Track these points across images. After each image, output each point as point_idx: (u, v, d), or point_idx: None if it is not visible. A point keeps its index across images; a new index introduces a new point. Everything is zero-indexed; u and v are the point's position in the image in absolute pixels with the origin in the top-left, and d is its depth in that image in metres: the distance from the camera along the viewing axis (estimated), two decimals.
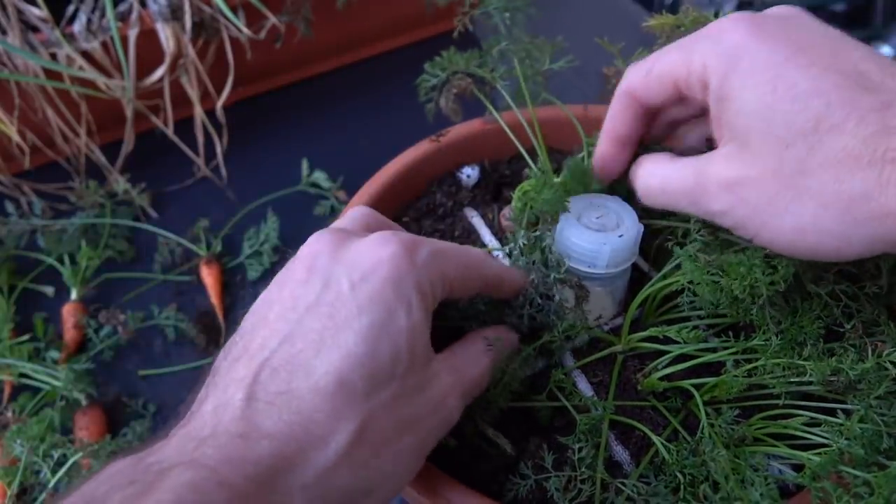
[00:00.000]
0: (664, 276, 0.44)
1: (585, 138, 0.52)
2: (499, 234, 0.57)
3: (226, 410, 0.32)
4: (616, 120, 0.45)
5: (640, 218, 0.47)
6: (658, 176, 0.42)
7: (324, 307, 0.34)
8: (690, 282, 0.40)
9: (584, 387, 0.46)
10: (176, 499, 0.28)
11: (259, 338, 0.35)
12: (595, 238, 0.45)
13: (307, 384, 0.32)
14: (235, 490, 0.29)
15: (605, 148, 0.47)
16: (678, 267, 0.43)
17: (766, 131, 0.34)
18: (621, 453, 0.44)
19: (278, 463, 0.31)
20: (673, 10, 0.52)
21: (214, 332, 0.74)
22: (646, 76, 0.42)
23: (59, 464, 0.59)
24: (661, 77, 0.41)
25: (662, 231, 0.49)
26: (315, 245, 0.37)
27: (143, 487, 0.28)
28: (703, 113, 0.44)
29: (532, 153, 0.55)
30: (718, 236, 0.42)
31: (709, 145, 0.44)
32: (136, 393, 0.69)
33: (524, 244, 0.46)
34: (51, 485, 0.58)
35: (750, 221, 0.36)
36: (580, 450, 0.40)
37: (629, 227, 0.45)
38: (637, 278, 0.51)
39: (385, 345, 0.34)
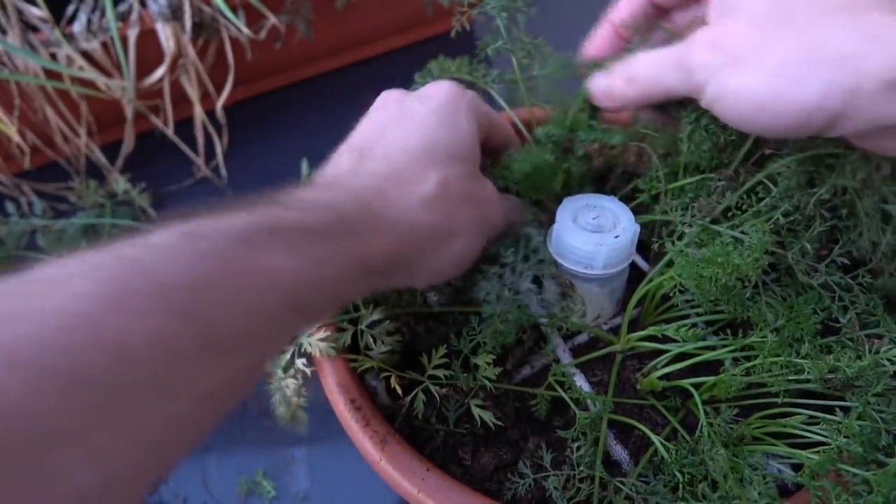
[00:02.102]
0: (660, 273, 0.44)
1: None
2: None
3: (340, 167, 0.42)
4: (621, 9, 0.47)
5: (636, 216, 0.47)
6: (646, 55, 0.42)
7: (404, 117, 0.44)
8: (680, 274, 0.40)
9: (584, 386, 0.47)
10: (308, 202, 0.35)
11: (358, 139, 0.44)
12: (591, 239, 0.44)
13: (402, 150, 0.41)
14: (358, 197, 0.38)
15: (600, 31, 0.48)
16: (670, 264, 0.43)
17: None
18: (620, 452, 0.44)
19: (384, 189, 0.39)
20: None
21: None
22: None
23: None
24: None
25: (657, 232, 0.49)
26: (385, 93, 0.47)
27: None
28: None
29: None
30: (707, 228, 0.42)
31: None
32: None
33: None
34: None
35: (721, 72, 0.36)
36: (578, 448, 0.41)
37: (625, 228, 0.45)
38: (636, 278, 0.51)
39: (452, 134, 0.43)
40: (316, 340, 0.46)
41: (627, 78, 0.42)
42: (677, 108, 0.44)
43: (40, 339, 0.24)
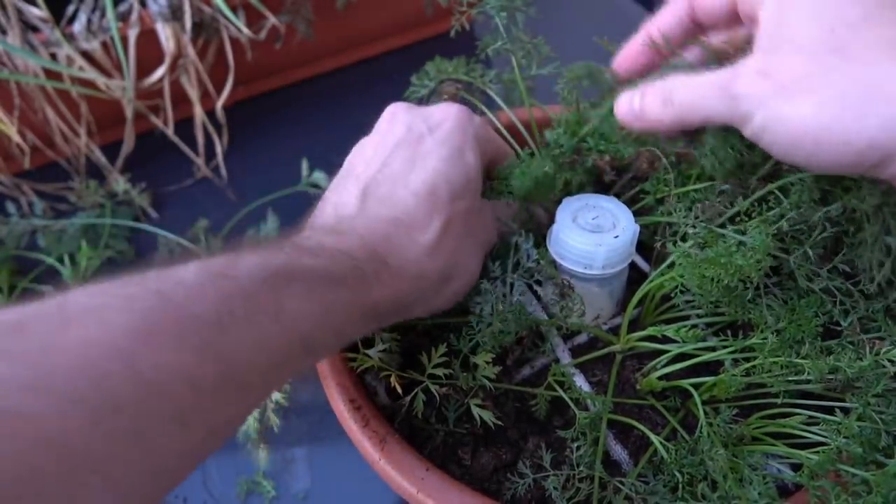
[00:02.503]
0: (661, 274, 0.44)
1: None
2: None
3: (345, 206, 0.42)
4: (658, 21, 0.45)
5: (636, 217, 0.47)
6: (685, 77, 0.40)
7: (410, 141, 0.44)
8: (682, 276, 0.40)
9: (583, 386, 0.47)
10: (324, 249, 0.37)
11: (360, 165, 0.44)
12: (590, 239, 0.45)
13: (406, 191, 0.42)
14: (366, 243, 0.39)
15: (635, 41, 0.46)
16: (672, 265, 0.43)
17: (815, 18, 0.35)
18: (620, 452, 0.44)
19: (390, 235, 0.40)
20: None
21: None
22: None
23: None
24: None
25: (660, 233, 0.49)
26: (392, 107, 0.47)
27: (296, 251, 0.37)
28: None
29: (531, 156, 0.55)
30: (712, 230, 0.42)
31: None
32: None
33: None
34: None
35: (771, 100, 0.35)
36: (578, 448, 0.41)
37: (625, 228, 0.45)
38: (637, 278, 0.51)
39: (459, 169, 0.43)
40: None
41: (663, 100, 0.40)
42: (711, 135, 0.43)
43: (75, 369, 0.25)
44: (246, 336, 0.30)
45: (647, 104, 0.41)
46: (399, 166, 0.43)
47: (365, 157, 0.45)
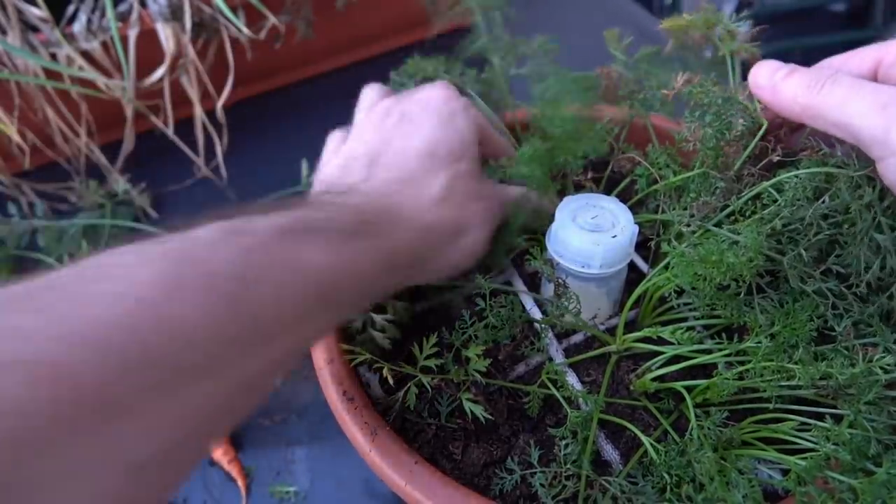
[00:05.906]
0: (658, 274, 0.44)
1: None
2: None
3: (351, 175, 0.45)
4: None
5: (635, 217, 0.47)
6: (846, 77, 0.37)
7: (405, 121, 0.47)
8: (676, 275, 0.40)
9: (576, 384, 0.47)
10: (335, 205, 0.40)
11: (362, 148, 0.47)
12: (589, 238, 0.45)
13: (405, 156, 0.45)
14: (376, 201, 0.42)
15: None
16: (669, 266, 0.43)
17: None
18: (611, 452, 0.44)
19: (398, 192, 0.43)
20: (673, 10, 0.51)
21: None
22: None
23: None
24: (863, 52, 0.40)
25: (660, 234, 0.49)
26: (382, 103, 0.49)
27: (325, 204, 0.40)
28: None
29: None
30: (707, 228, 0.42)
31: None
32: None
33: None
34: None
35: None
36: (566, 446, 0.41)
37: (623, 228, 0.45)
38: (636, 279, 0.51)
39: (453, 132, 0.47)
40: None
41: (809, 84, 0.37)
42: None
43: (108, 321, 0.25)
44: (267, 288, 0.31)
45: (790, 83, 0.39)
46: (400, 143, 0.46)
47: (366, 141, 0.47)
